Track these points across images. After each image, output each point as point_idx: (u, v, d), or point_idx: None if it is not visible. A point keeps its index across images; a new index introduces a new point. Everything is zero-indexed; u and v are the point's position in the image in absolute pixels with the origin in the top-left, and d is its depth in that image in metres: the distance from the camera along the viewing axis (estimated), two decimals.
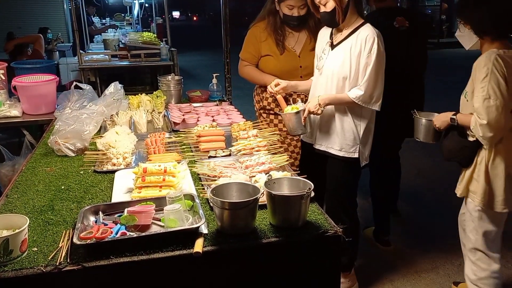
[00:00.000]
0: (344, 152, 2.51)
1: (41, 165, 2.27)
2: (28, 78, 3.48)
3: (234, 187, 1.69)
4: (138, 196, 1.83)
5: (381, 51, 2.33)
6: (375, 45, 2.30)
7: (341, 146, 2.51)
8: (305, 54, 2.88)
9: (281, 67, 2.88)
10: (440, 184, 4.54)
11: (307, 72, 2.81)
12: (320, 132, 2.59)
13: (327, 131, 2.55)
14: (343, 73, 2.40)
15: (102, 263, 1.42)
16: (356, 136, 2.48)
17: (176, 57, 5.11)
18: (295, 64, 2.88)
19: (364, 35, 2.33)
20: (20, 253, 1.45)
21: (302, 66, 2.87)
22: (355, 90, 2.36)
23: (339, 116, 2.49)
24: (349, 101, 2.38)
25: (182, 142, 2.58)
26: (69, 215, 1.74)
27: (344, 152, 2.51)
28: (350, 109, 2.46)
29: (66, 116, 2.54)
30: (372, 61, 2.31)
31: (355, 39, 2.36)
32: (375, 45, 2.30)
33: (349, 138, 2.49)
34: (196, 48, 15.81)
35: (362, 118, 2.48)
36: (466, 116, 2.27)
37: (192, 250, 1.47)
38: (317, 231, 1.62)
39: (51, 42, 7.92)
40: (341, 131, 2.50)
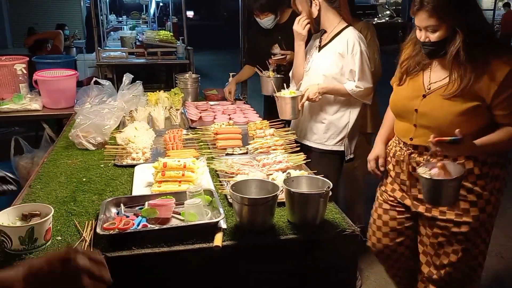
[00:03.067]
0: (331, 145, 2.61)
1: (63, 158, 2.32)
2: (49, 73, 3.55)
3: (253, 184, 1.72)
4: (158, 190, 1.86)
5: (363, 50, 2.45)
6: (356, 46, 2.43)
7: (327, 138, 2.60)
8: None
9: None
10: None
11: None
12: (306, 126, 2.67)
13: (314, 124, 2.63)
14: (330, 73, 2.51)
15: (124, 253, 1.45)
16: (344, 129, 2.58)
17: (192, 56, 5.15)
18: None
19: (346, 38, 2.47)
20: (45, 242, 1.49)
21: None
22: (351, 83, 2.46)
23: (328, 109, 2.58)
24: (346, 92, 2.48)
25: (199, 139, 2.61)
26: (91, 207, 1.78)
27: (332, 146, 2.60)
28: (340, 102, 2.55)
29: (87, 111, 2.59)
30: (357, 60, 2.43)
31: (339, 41, 2.50)
32: (356, 46, 2.43)
33: (336, 131, 2.58)
34: (210, 48, 15.88)
35: (352, 112, 2.58)
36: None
37: (211, 244, 1.50)
38: (334, 229, 1.64)
39: (68, 38, 8.04)
40: (329, 124, 2.58)
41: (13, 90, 3.59)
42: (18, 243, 1.43)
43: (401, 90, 2.04)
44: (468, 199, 1.91)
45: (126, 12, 12.07)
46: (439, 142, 1.72)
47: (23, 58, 3.79)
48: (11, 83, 3.61)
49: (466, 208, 1.92)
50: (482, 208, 1.92)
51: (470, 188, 1.91)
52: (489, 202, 1.93)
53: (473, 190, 1.91)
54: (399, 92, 2.05)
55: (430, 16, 1.75)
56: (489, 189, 1.92)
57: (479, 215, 1.92)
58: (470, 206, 1.92)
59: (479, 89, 1.78)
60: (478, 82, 1.78)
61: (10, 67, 3.57)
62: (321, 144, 2.62)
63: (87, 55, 6.11)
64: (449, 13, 1.73)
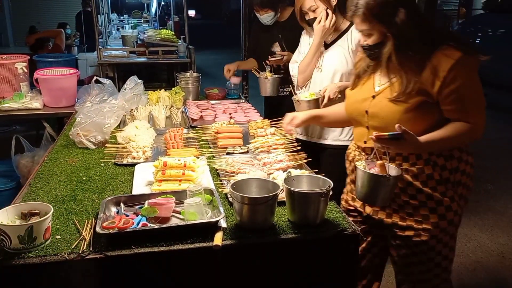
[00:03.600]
0: (347, 140, 2.61)
1: (63, 156, 2.32)
2: (50, 72, 3.54)
3: (254, 183, 1.71)
4: (158, 189, 1.86)
5: None
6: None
7: (345, 134, 2.61)
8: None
9: None
10: None
11: None
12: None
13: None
14: (342, 70, 2.54)
15: (123, 252, 1.45)
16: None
17: (194, 55, 5.15)
18: None
19: (355, 34, 2.48)
20: (44, 240, 1.48)
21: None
22: None
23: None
24: None
25: (200, 138, 2.61)
26: (91, 205, 1.77)
27: (348, 140, 2.60)
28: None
29: (87, 109, 2.59)
30: None
31: (348, 38, 2.53)
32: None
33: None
34: (211, 47, 15.87)
35: None
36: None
37: (211, 243, 1.49)
38: (335, 229, 1.63)
39: (69, 37, 8.03)
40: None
41: (14, 88, 3.59)
42: (17, 242, 1.42)
43: (353, 93, 2.02)
44: (428, 205, 1.86)
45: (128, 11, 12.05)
46: (379, 138, 1.70)
47: (24, 56, 3.79)
48: (12, 82, 3.61)
49: (425, 215, 1.87)
50: (442, 215, 1.87)
51: (430, 194, 1.85)
52: (450, 208, 1.87)
53: (433, 196, 1.85)
54: (350, 96, 2.04)
55: (362, 21, 1.77)
56: (450, 195, 1.87)
57: (439, 222, 1.87)
58: (429, 212, 1.87)
59: (424, 84, 1.75)
60: (422, 79, 1.75)
61: (11, 66, 3.57)
62: (337, 140, 2.63)
63: (88, 54, 6.09)
64: (377, 18, 1.73)
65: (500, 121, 6.87)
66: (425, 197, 1.85)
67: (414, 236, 1.89)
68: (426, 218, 1.87)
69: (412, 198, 1.87)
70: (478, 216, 4.02)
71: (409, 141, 1.68)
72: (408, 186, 1.86)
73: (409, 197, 1.88)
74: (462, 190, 1.92)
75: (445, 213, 1.86)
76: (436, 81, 1.72)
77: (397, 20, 1.70)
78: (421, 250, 1.91)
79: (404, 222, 1.90)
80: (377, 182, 1.71)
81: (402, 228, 1.91)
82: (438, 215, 1.86)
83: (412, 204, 1.88)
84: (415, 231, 1.89)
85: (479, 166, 5.23)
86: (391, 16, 1.70)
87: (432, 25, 1.80)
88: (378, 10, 1.71)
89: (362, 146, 1.99)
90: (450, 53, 1.71)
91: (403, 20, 1.69)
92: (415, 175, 1.85)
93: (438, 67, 1.71)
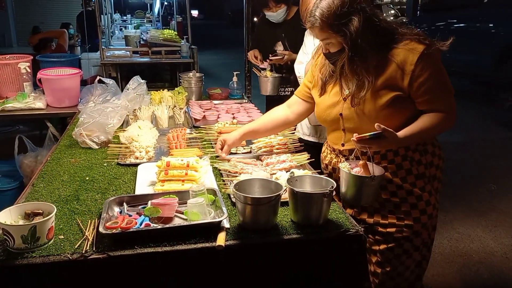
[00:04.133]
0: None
1: (66, 156, 2.32)
2: (53, 72, 3.55)
3: (257, 183, 1.71)
4: (161, 189, 1.86)
5: None
6: None
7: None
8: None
9: None
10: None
11: None
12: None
13: None
14: None
15: (127, 252, 1.45)
16: None
17: (197, 55, 5.16)
18: None
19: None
20: (47, 240, 1.48)
21: None
22: None
23: None
24: None
25: (203, 138, 2.61)
26: (94, 205, 1.77)
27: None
28: None
29: (90, 109, 2.59)
30: None
31: None
32: None
33: None
34: (213, 47, 15.90)
35: None
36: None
37: (214, 244, 1.49)
38: (338, 229, 1.63)
39: (72, 37, 8.05)
40: None
41: (17, 88, 3.60)
42: (20, 241, 1.43)
43: (323, 100, 2.03)
44: (409, 201, 1.89)
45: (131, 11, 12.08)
46: (360, 139, 1.71)
47: (27, 56, 3.80)
48: (15, 82, 3.63)
49: (407, 211, 1.90)
50: (423, 210, 1.90)
51: (410, 190, 1.89)
52: (429, 203, 1.91)
53: (413, 192, 1.88)
54: (321, 102, 2.04)
55: (320, 31, 1.80)
56: (428, 189, 1.91)
57: (420, 217, 1.90)
58: (410, 208, 1.90)
59: (393, 80, 1.78)
60: (389, 76, 1.78)
61: (14, 66, 3.58)
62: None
63: (91, 54, 6.10)
64: (332, 28, 1.75)
65: (500, 120, 6.86)
66: (405, 193, 1.89)
67: (396, 233, 1.92)
68: (407, 214, 1.90)
69: (393, 195, 1.91)
70: (481, 216, 4.00)
71: (389, 138, 1.71)
72: (388, 183, 1.90)
73: (390, 194, 1.91)
74: (438, 185, 1.97)
75: (425, 207, 1.91)
76: (405, 75, 1.77)
77: (351, 28, 1.72)
78: (399, 244, 1.93)
79: (386, 220, 1.93)
80: (362, 183, 1.73)
81: (384, 226, 1.93)
82: (419, 210, 1.90)
83: (393, 202, 1.91)
84: (397, 227, 1.92)
85: (482, 166, 5.23)
86: (345, 26, 1.73)
87: (388, 27, 1.81)
88: (332, 21, 1.73)
89: (340, 149, 2.00)
90: (414, 47, 1.76)
91: (357, 28, 1.72)
92: (394, 172, 1.89)
93: (405, 62, 1.76)
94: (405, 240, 1.92)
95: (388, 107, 1.81)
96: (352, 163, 1.81)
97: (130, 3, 12.77)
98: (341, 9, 1.71)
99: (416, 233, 1.92)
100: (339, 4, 1.72)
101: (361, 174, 1.74)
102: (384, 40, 1.79)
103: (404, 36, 1.81)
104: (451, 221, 3.84)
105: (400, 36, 1.81)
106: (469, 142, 6.00)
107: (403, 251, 1.95)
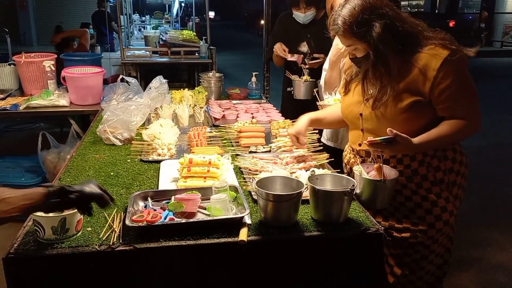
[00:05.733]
0: None
1: (90, 152, 2.38)
2: (77, 70, 3.63)
3: (278, 181, 1.74)
4: (184, 185, 1.90)
5: None
6: None
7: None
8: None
9: None
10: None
11: None
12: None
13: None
14: None
15: (152, 245, 1.49)
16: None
17: (215, 55, 5.21)
18: None
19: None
20: (75, 232, 1.53)
21: None
22: None
23: None
24: None
25: (223, 136, 2.65)
26: (119, 200, 1.82)
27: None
28: None
29: (114, 107, 2.65)
30: None
31: None
32: None
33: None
34: (230, 48, 15.98)
35: None
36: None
37: (236, 239, 1.52)
38: (358, 228, 1.65)
39: (92, 37, 8.18)
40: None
41: (41, 86, 3.69)
42: (50, 232, 1.48)
43: (348, 97, 2.04)
44: (423, 206, 1.88)
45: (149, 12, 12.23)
46: (372, 143, 1.72)
47: (51, 55, 3.89)
48: (40, 80, 3.72)
49: (421, 216, 1.89)
50: (438, 216, 1.88)
51: (425, 196, 1.87)
52: (445, 209, 1.89)
53: (428, 197, 1.87)
54: (345, 100, 2.06)
55: (344, 38, 1.81)
56: (444, 195, 1.88)
57: (435, 222, 1.88)
58: (425, 213, 1.89)
59: (415, 85, 1.77)
60: (411, 80, 1.77)
61: (39, 64, 3.67)
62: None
63: (111, 54, 6.20)
64: (355, 35, 1.75)
65: None
66: (420, 199, 1.88)
67: (411, 238, 1.91)
68: (422, 219, 1.89)
69: (408, 200, 1.90)
70: (498, 219, 3.98)
71: (403, 144, 1.71)
72: (403, 188, 1.89)
73: (404, 199, 1.91)
74: (457, 191, 1.95)
75: (441, 213, 1.89)
76: (426, 81, 1.75)
77: (373, 34, 1.71)
78: (416, 250, 1.93)
79: (401, 224, 1.93)
80: (373, 186, 1.74)
81: (398, 230, 1.93)
82: (434, 216, 1.89)
83: (407, 206, 1.90)
84: (411, 232, 1.91)
85: (499, 170, 5.19)
86: (368, 32, 1.72)
87: (413, 30, 1.79)
88: (355, 27, 1.73)
89: (357, 149, 2.02)
90: (438, 52, 1.74)
91: (378, 34, 1.71)
92: (409, 177, 1.87)
93: (427, 67, 1.74)
94: (421, 245, 1.91)
95: (407, 111, 1.80)
96: (369, 166, 1.82)
97: (148, 4, 12.94)
98: (362, 15, 1.71)
99: (431, 239, 1.91)
100: (360, 11, 1.72)
101: (374, 177, 1.75)
102: (407, 45, 1.77)
103: (429, 40, 1.78)
104: (468, 225, 3.81)
105: (425, 40, 1.79)
106: (486, 146, 5.95)
107: (421, 257, 1.94)
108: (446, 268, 2.04)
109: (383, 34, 1.71)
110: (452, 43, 1.77)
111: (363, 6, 1.72)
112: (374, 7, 1.72)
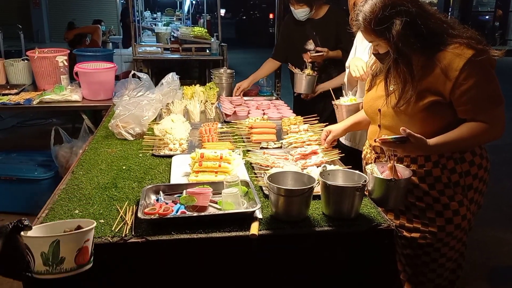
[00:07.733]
0: None
1: (103, 147, 2.40)
2: (89, 65, 3.66)
3: (290, 176, 1.74)
4: (196, 179, 1.91)
5: None
6: None
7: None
8: None
9: None
10: None
11: None
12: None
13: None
14: None
15: (164, 237, 1.50)
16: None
17: (226, 52, 5.20)
18: None
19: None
20: (76, 266, 1.28)
21: None
22: None
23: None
24: None
25: (234, 132, 2.65)
26: (131, 193, 1.84)
27: None
28: None
29: (126, 102, 2.67)
30: None
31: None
32: None
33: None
34: (240, 46, 16.00)
35: None
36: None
37: (247, 233, 1.53)
38: (369, 223, 1.64)
39: (104, 34, 8.25)
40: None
41: (54, 81, 3.73)
42: (40, 261, 1.22)
43: (371, 92, 2.02)
44: (434, 208, 1.84)
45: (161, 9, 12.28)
46: (384, 141, 1.69)
47: (64, 50, 3.93)
48: (53, 75, 3.76)
49: (432, 218, 1.86)
50: (449, 219, 1.84)
51: (437, 197, 1.83)
52: (457, 213, 1.84)
53: (440, 200, 1.83)
54: (368, 95, 2.04)
55: (366, 34, 1.79)
56: (458, 199, 1.83)
57: (445, 225, 1.84)
58: (436, 215, 1.85)
59: (436, 84, 1.72)
60: (432, 80, 1.72)
61: (52, 59, 3.71)
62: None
63: (123, 50, 6.24)
64: (376, 32, 1.73)
65: None
66: (432, 200, 1.85)
67: (420, 239, 1.88)
68: (432, 221, 1.86)
69: (419, 200, 1.87)
70: (511, 220, 3.94)
71: (416, 144, 1.68)
72: (415, 188, 1.86)
73: (415, 199, 1.88)
74: (474, 195, 1.88)
75: (453, 217, 1.84)
76: (447, 81, 1.69)
77: (393, 32, 1.68)
78: (425, 252, 1.90)
79: (411, 224, 1.90)
80: (385, 185, 1.71)
81: (409, 230, 1.91)
82: (444, 218, 1.84)
83: (418, 206, 1.88)
84: (421, 233, 1.88)
85: None
86: (387, 29, 1.69)
87: (437, 28, 1.73)
88: (375, 24, 1.71)
89: (373, 145, 2.00)
90: (462, 52, 1.68)
91: (398, 32, 1.67)
92: (422, 177, 1.84)
93: (450, 67, 1.69)
94: (430, 247, 1.88)
95: (425, 111, 1.75)
96: (384, 166, 1.80)
97: (159, 1, 12.98)
98: (383, 12, 1.68)
99: (441, 242, 1.87)
100: (381, 7, 1.69)
101: (387, 176, 1.73)
102: (430, 43, 1.72)
103: (454, 38, 1.73)
104: (481, 225, 3.77)
105: (450, 38, 1.73)
106: (501, 146, 5.88)
107: (431, 260, 1.91)
108: (459, 272, 2.01)
109: (403, 32, 1.67)
110: (479, 42, 1.71)
111: (384, 2, 1.69)
112: (396, 4, 1.68)
